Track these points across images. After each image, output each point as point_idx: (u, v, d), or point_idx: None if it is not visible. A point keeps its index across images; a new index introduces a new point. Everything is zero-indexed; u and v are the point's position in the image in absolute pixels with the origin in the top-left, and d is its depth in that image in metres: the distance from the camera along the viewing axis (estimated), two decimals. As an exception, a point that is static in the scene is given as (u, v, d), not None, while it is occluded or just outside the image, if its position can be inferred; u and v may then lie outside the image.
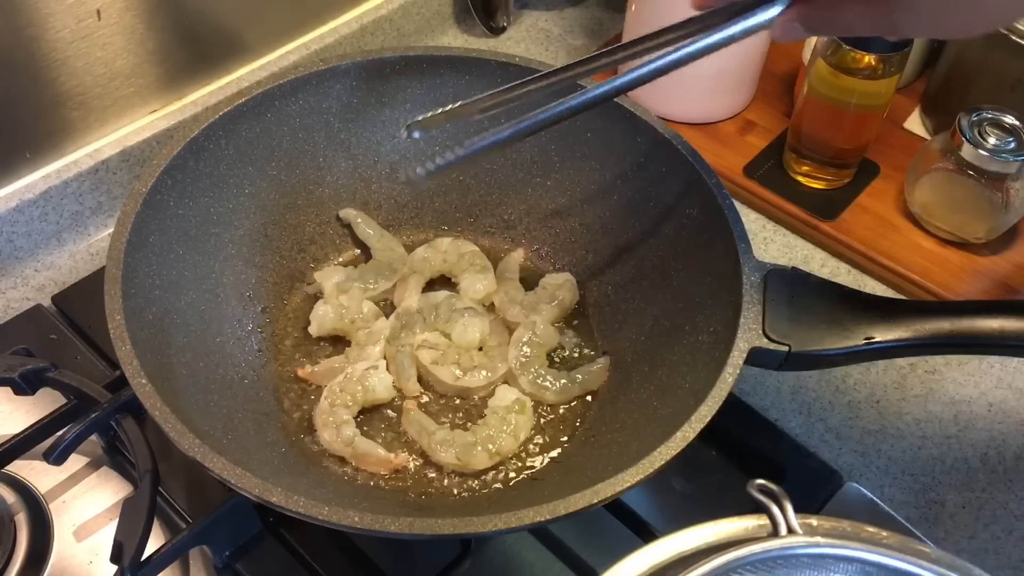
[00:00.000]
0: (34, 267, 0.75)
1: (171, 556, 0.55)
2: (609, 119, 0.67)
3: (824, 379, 0.72)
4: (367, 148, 0.72)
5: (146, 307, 0.56)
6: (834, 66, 0.73)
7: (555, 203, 0.73)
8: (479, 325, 0.68)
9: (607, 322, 0.70)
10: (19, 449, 0.59)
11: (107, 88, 0.74)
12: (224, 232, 0.66)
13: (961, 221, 0.77)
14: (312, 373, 0.65)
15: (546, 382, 0.65)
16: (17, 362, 0.60)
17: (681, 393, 0.56)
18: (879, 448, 0.68)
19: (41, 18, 0.66)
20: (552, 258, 0.74)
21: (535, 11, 1.03)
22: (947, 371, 0.73)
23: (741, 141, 0.87)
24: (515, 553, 0.60)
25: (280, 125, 0.68)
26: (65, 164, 0.74)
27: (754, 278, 0.56)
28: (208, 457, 0.47)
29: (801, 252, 0.81)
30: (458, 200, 0.75)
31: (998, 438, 0.69)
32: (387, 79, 0.70)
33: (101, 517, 0.60)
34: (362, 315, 0.68)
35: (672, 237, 0.66)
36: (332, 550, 0.59)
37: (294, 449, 0.61)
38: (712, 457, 0.66)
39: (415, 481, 0.61)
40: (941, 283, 0.76)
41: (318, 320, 0.67)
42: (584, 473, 0.56)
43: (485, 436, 0.61)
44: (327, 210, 0.73)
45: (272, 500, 0.46)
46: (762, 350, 0.53)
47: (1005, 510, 0.65)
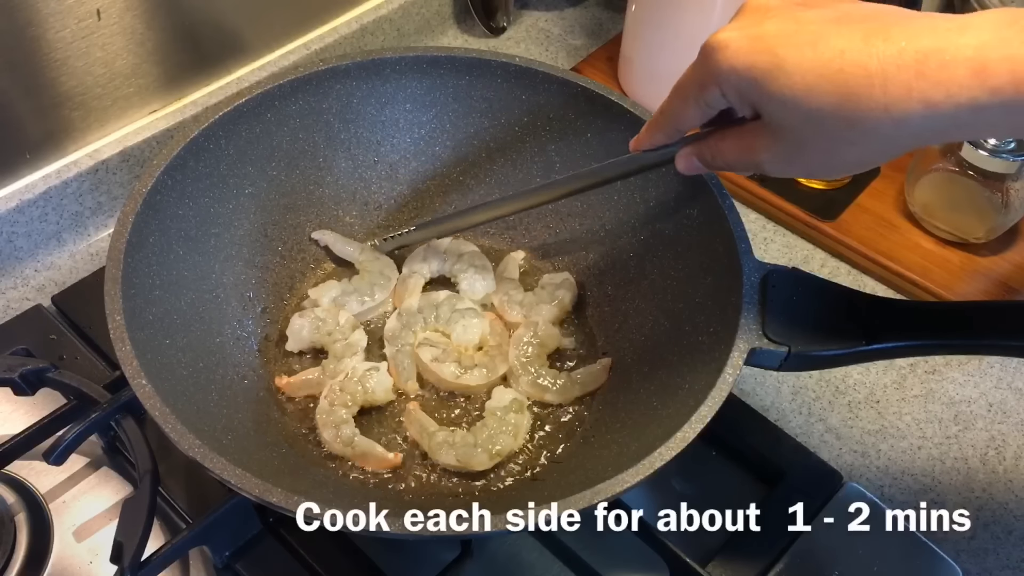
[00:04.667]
0: (34, 267, 0.75)
1: (171, 556, 0.55)
2: (609, 119, 0.67)
3: (824, 379, 0.72)
4: (367, 148, 0.72)
5: (146, 307, 0.56)
6: (834, 66, 0.73)
7: (555, 203, 0.72)
8: (479, 326, 0.68)
9: (607, 322, 0.70)
10: (19, 449, 0.59)
11: (107, 88, 0.74)
12: (224, 232, 0.66)
13: (961, 221, 0.77)
14: (288, 384, 0.65)
15: (546, 382, 0.65)
16: (17, 362, 0.60)
17: (681, 393, 0.56)
18: (879, 448, 0.68)
19: (41, 18, 0.66)
20: (552, 258, 0.74)
21: (535, 11, 1.03)
22: (947, 371, 0.73)
23: (741, 141, 0.87)
24: (515, 553, 0.60)
25: (280, 125, 0.68)
26: (65, 164, 0.74)
27: (754, 278, 0.56)
28: (208, 457, 0.47)
29: (801, 252, 0.81)
30: (458, 200, 0.75)
31: (998, 438, 0.69)
32: (387, 79, 0.70)
33: (101, 517, 0.60)
34: (339, 326, 0.67)
35: (672, 237, 0.66)
36: (332, 550, 0.59)
37: (294, 449, 0.61)
38: (712, 457, 0.66)
39: (415, 481, 0.61)
40: (941, 283, 0.76)
41: (294, 335, 0.67)
42: (584, 473, 0.56)
43: (485, 437, 0.61)
44: (327, 210, 0.73)
45: (272, 500, 0.46)
46: (762, 350, 0.53)
47: (1005, 510, 0.65)
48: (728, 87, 0.44)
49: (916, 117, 0.39)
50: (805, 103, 0.41)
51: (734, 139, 0.48)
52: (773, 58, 0.42)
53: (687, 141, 0.51)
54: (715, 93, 0.45)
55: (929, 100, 0.39)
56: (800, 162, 0.45)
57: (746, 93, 0.44)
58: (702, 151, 0.50)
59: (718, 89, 0.45)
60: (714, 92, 0.45)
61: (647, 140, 0.53)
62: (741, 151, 0.48)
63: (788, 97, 0.42)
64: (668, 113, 0.50)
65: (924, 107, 0.39)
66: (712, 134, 0.50)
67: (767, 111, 0.44)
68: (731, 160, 0.49)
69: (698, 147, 0.51)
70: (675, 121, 0.50)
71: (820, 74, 0.40)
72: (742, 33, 0.43)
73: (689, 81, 0.47)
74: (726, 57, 0.43)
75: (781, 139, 0.44)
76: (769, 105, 0.43)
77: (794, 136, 0.44)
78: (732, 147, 0.48)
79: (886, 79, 0.39)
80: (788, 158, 0.45)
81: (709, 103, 0.46)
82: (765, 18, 0.43)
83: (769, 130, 0.45)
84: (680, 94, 0.48)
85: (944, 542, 0.62)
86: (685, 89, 0.47)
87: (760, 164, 0.47)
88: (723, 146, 0.49)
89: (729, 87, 0.44)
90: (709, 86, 0.45)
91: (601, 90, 0.67)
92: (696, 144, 0.51)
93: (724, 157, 0.49)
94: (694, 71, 0.46)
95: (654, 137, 0.52)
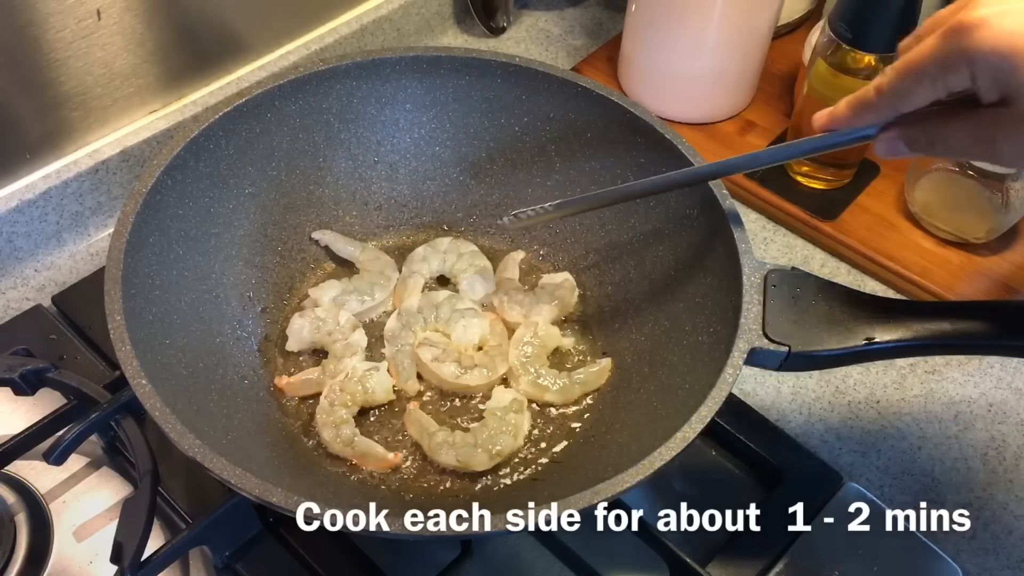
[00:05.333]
0: (34, 267, 0.75)
1: (171, 556, 0.55)
2: (609, 119, 0.67)
3: (824, 379, 0.72)
4: (367, 148, 0.72)
5: (146, 307, 0.56)
6: (834, 66, 0.73)
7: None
8: (479, 326, 0.68)
9: (607, 322, 0.70)
10: (19, 449, 0.59)
11: (107, 88, 0.74)
12: (224, 232, 0.66)
13: (961, 221, 0.77)
14: (288, 384, 0.65)
15: (546, 382, 0.65)
16: (17, 362, 0.60)
17: (681, 393, 0.56)
18: (879, 448, 0.68)
19: (41, 18, 0.66)
20: (552, 258, 0.74)
21: (535, 11, 1.03)
22: (947, 371, 0.73)
23: (741, 141, 0.87)
24: (515, 553, 0.60)
25: (280, 125, 0.68)
26: (65, 164, 0.74)
27: (754, 278, 0.56)
28: (208, 457, 0.47)
29: (801, 252, 0.81)
30: (458, 200, 0.75)
31: (998, 438, 0.69)
32: (387, 79, 0.70)
33: (101, 517, 0.60)
34: (339, 326, 0.67)
35: (672, 237, 0.66)
36: (332, 550, 0.59)
37: (294, 449, 0.61)
38: (712, 457, 0.66)
39: (415, 481, 0.61)
40: (941, 283, 0.76)
41: (294, 335, 0.67)
42: (584, 473, 0.56)
43: (485, 437, 0.61)
44: (327, 210, 0.73)
45: (272, 500, 0.46)
46: (762, 350, 0.53)
47: (1005, 510, 0.65)
48: (983, 70, 0.39)
49: None
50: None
51: (967, 125, 0.43)
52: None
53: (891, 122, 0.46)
54: (963, 75, 0.40)
55: None
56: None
57: (1005, 78, 0.39)
58: (915, 135, 0.45)
59: (968, 71, 0.40)
60: (962, 74, 0.40)
61: (851, 118, 0.47)
62: (975, 139, 0.43)
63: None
64: (891, 91, 0.44)
65: None
66: (931, 116, 0.44)
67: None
68: (958, 147, 0.44)
69: (910, 130, 0.45)
70: (898, 101, 0.44)
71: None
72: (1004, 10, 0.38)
73: (928, 59, 0.41)
74: (986, 36, 0.39)
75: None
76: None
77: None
78: (962, 134, 0.43)
79: None
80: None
81: (950, 85, 0.41)
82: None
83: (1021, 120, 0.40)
84: (912, 73, 0.43)
85: (944, 542, 0.62)
86: (921, 67, 0.42)
87: (999, 155, 0.43)
88: (948, 131, 0.44)
89: (985, 70, 0.39)
90: (958, 66, 0.40)
91: (601, 90, 0.67)
92: (908, 126, 0.45)
93: (948, 143, 0.44)
94: (938, 49, 0.41)
95: (862, 117, 0.47)
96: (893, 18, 0.69)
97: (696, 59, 0.84)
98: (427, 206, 0.75)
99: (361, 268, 0.71)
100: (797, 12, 0.95)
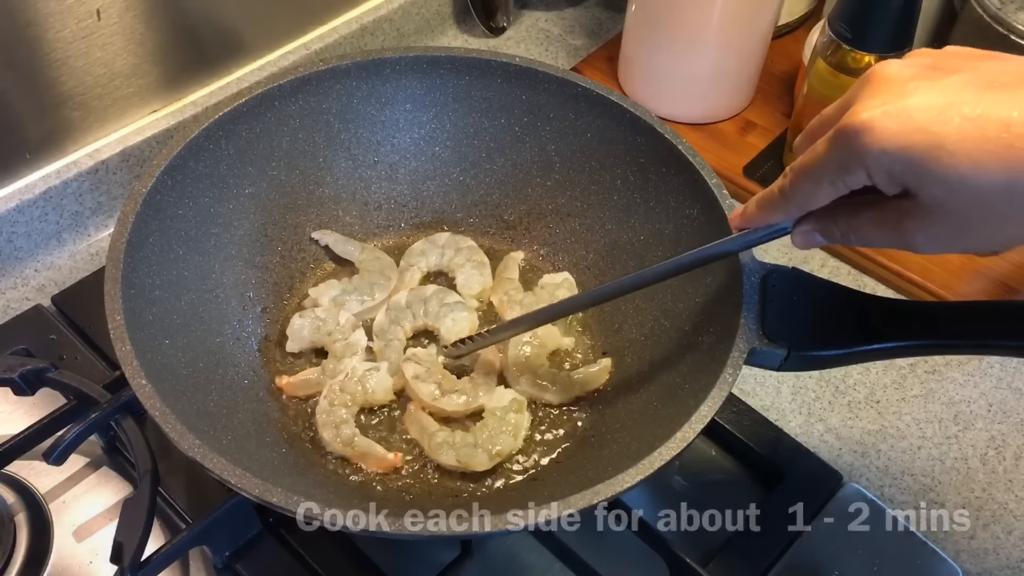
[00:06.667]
0: (34, 267, 0.75)
1: (171, 556, 0.55)
2: (609, 119, 0.67)
3: (824, 379, 0.72)
4: (367, 148, 0.72)
5: (146, 307, 0.56)
6: (834, 66, 0.73)
7: (555, 203, 0.73)
8: (468, 319, 0.68)
9: (607, 322, 0.70)
10: (19, 449, 0.59)
11: (107, 88, 0.74)
12: (224, 232, 0.66)
13: (961, 221, 0.77)
14: (288, 384, 0.65)
15: (546, 382, 0.65)
16: (17, 362, 0.60)
17: (681, 393, 0.56)
18: (879, 448, 0.68)
19: (41, 18, 0.66)
20: (552, 258, 0.74)
21: (535, 11, 1.03)
22: (947, 371, 0.73)
23: (741, 141, 0.87)
24: (515, 553, 0.60)
25: (280, 125, 0.68)
26: (65, 164, 0.74)
27: (754, 278, 0.56)
28: (208, 457, 0.47)
29: (801, 252, 0.81)
30: (458, 200, 0.75)
31: (998, 438, 0.69)
32: (387, 79, 0.70)
33: (101, 517, 0.60)
34: (339, 326, 0.67)
35: (672, 237, 0.66)
36: (332, 550, 0.59)
37: (294, 449, 0.61)
38: (712, 457, 0.66)
39: (415, 481, 0.61)
40: (941, 283, 0.76)
41: (294, 335, 0.66)
42: (584, 473, 0.56)
43: (485, 437, 0.61)
44: (327, 210, 0.73)
45: (272, 500, 0.46)
46: (762, 350, 0.53)
47: (1005, 510, 0.65)
48: (878, 170, 0.40)
49: None
50: (973, 183, 0.38)
51: (875, 217, 0.44)
52: (930, 137, 0.38)
53: (803, 216, 0.47)
54: (860, 176, 0.41)
55: None
56: (961, 242, 0.42)
57: (900, 176, 0.40)
58: (828, 227, 0.46)
59: (864, 172, 0.41)
60: (859, 175, 0.41)
61: (759, 217, 0.49)
62: (886, 231, 0.44)
63: (953, 178, 0.38)
64: (792, 194, 0.45)
65: None
66: (840, 208, 0.45)
67: (926, 192, 0.40)
68: (870, 238, 0.45)
69: (822, 223, 0.46)
70: (801, 202, 0.45)
71: (987, 151, 0.37)
72: (886, 110, 0.39)
73: (824, 163, 0.42)
74: (875, 139, 0.39)
75: (940, 220, 0.41)
76: (929, 187, 0.39)
77: (956, 217, 0.40)
78: (872, 225, 0.44)
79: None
80: (947, 239, 0.42)
81: (850, 184, 0.42)
82: (904, 90, 0.40)
83: (925, 211, 0.41)
84: (810, 175, 0.44)
85: (944, 542, 0.62)
86: (818, 171, 0.43)
87: (911, 244, 0.43)
88: (859, 223, 0.45)
89: (879, 170, 0.40)
90: (854, 170, 0.41)
91: (601, 90, 0.67)
92: (819, 220, 0.46)
93: (861, 234, 0.45)
94: (831, 153, 0.42)
95: (769, 216, 0.48)
96: (893, 18, 0.69)
97: (696, 59, 0.84)
98: (427, 206, 0.75)
99: (361, 268, 0.71)
100: (797, 12, 0.95)
